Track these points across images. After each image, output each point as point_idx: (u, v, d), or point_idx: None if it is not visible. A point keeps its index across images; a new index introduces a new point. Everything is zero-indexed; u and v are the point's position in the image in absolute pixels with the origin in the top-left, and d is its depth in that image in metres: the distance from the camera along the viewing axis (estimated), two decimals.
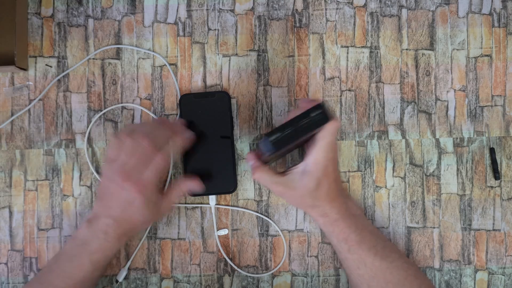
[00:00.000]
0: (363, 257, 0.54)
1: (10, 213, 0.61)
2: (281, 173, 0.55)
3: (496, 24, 0.62)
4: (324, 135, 0.50)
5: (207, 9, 0.62)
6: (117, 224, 0.52)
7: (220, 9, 0.62)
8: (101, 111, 0.61)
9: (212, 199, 0.60)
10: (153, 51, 0.62)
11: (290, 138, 0.49)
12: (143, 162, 0.52)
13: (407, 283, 0.54)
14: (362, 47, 0.62)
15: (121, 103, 0.62)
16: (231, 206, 0.61)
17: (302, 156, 0.61)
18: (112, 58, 0.62)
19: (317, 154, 0.51)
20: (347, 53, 0.62)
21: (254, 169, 0.54)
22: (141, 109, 0.61)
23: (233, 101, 0.62)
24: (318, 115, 0.48)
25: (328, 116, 0.48)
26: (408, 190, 0.61)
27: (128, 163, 0.51)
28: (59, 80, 0.62)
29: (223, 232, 0.61)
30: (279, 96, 0.61)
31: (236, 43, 0.62)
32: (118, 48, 0.62)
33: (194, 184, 0.57)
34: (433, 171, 0.61)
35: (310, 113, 0.48)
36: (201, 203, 0.61)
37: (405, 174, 0.61)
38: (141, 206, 0.52)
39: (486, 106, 0.61)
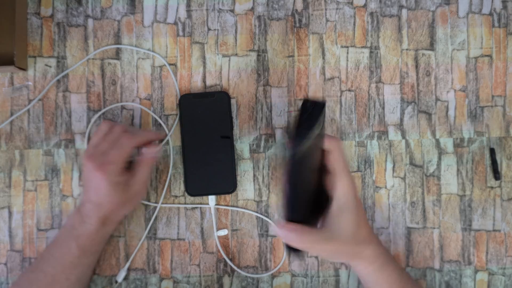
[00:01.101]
0: None
1: (10, 213, 0.61)
2: (318, 229, 0.48)
3: (496, 24, 0.61)
4: (337, 157, 0.47)
5: (206, 9, 0.62)
6: (96, 208, 0.54)
7: (220, 9, 0.62)
8: (101, 111, 0.61)
9: (212, 199, 0.60)
10: (152, 51, 0.62)
11: (311, 134, 0.42)
12: (110, 144, 0.54)
13: None
14: (362, 47, 0.62)
15: (121, 103, 0.62)
16: (231, 206, 0.61)
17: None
18: (111, 58, 0.62)
19: (342, 181, 0.47)
20: (347, 53, 0.62)
21: (300, 236, 0.45)
22: (141, 108, 0.61)
23: (233, 101, 0.61)
24: (311, 104, 0.44)
25: (322, 101, 0.44)
26: (408, 191, 0.61)
27: (97, 146, 0.54)
28: (58, 80, 0.62)
29: (223, 232, 0.60)
30: (279, 96, 0.61)
31: (236, 43, 0.62)
32: (118, 48, 0.62)
33: (151, 150, 0.57)
34: (433, 172, 0.61)
35: (305, 107, 0.44)
36: (201, 204, 0.61)
37: (405, 175, 0.61)
38: (106, 186, 0.52)
39: (486, 106, 0.61)
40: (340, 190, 0.47)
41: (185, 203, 0.61)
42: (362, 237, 0.49)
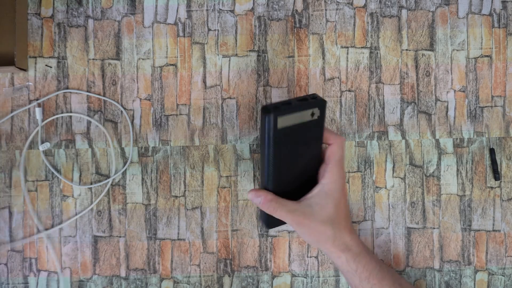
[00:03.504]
0: None
1: (10, 213, 0.61)
2: (296, 201, 0.51)
3: (496, 24, 0.62)
4: (335, 150, 0.50)
5: (207, 10, 0.62)
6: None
7: (220, 9, 0.62)
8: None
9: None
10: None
11: (293, 110, 0.45)
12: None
13: None
14: (362, 47, 0.62)
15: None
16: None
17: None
18: (112, 59, 0.62)
19: (332, 170, 0.50)
20: (347, 53, 0.62)
21: (268, 202, 0.49)
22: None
23: (233, 101, 0.62)
24: (313, 98, 0.47)
25: (323, 99, 0.47)
26: (408, 191, 0.61)
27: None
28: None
29: (46, 146, 0.60)
30: (279, 96, 0.61)
31: (236, 44, 0.62)
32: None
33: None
34: (433, 172, 0.61)
35: (306, 97, 0.47)
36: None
37: (405, 175, 0.61)
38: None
39: (486, 106, 0.61)
40: (328, 178, 0.50)
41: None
42: (340, 224, 0.50)
